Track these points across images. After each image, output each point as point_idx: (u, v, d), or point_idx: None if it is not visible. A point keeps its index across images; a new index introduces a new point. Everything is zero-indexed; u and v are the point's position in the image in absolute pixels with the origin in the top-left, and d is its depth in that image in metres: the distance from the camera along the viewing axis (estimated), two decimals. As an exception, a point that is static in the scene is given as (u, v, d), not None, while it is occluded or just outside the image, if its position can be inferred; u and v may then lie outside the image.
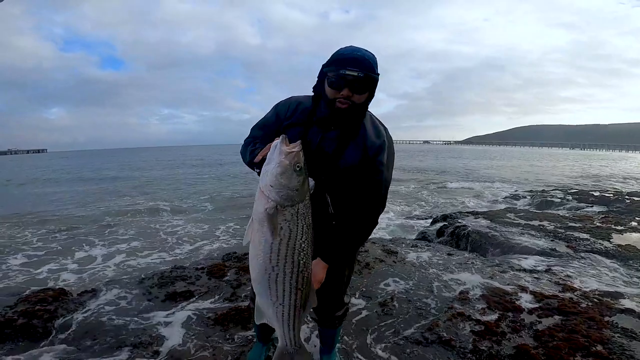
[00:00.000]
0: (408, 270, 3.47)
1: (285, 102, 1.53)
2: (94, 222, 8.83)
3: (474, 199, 11.29)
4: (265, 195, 0.86)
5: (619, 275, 3.34)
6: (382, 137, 1.45)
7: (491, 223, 5.27)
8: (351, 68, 1.28)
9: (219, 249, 5.62)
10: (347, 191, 1.49)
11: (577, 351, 2.04)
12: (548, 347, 2.10)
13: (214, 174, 23.62)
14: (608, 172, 22.57)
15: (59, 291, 2.88)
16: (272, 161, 0.90)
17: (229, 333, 2.36)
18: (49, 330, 2.38)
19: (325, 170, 1.41)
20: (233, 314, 2.57)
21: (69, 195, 14.66)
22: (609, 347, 2.09)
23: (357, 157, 1.41)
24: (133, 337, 2.30)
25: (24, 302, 2.65)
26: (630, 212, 6.43)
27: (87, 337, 2.29)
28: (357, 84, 1.31)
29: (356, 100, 1.34)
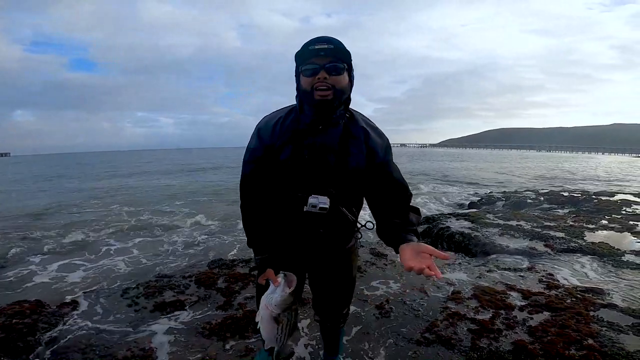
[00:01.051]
0: (399, 272, 3.52)
1: (264, 125, 1.39)
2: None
3: (449, 201, 11.58)
4: (269, 309, 1.30)
5: (596, 272, 3.52)
6: (384, 138, 1.41)
7: (472, 224, 5.42)
8: (319, 43, 1.23)
9: (199, 254, 5.47)
10: (359, 197, 1.47)
11: (571, 345, 2.14)
12: (543, 342, 2.18)
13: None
14: (572, 172, 23.82)
15: (35, 303, 2.74)
16: (277, 292, 1.28)
17: (228, 343, 2.30)
18: (32, 345, 2.24)
19: (333, 183, 1.34)
20: (229, 323, 2.51)
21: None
22: (600, 340, 2.19)
23: (362, 161, 1.34)
24: (125, 350, 2.20)
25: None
26: (599, 211, 6.79)
27: (74, 352, 2.17)
28: (331, 66, 1.23)
29: (336, 85, 1.24)
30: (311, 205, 1.30)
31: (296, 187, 1.34)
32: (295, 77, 1.33)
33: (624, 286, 3.09)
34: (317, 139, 1.32)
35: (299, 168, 1.33)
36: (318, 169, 1.33)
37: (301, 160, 1.33)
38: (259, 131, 1.40)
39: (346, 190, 1.37)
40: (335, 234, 1.46)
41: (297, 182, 1.34)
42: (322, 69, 1.24)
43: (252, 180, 1.42)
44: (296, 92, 1.35)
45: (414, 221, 1.32)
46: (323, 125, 1.31)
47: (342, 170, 1.33)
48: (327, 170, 1.33)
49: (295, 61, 1.30)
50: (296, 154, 1.33)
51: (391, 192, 1.37)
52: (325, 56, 1.23)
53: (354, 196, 1.44)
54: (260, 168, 1.39)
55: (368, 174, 1.36)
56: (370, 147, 1.35)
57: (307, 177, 1.33)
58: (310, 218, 1.35)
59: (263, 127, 1.39)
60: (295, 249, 1.50)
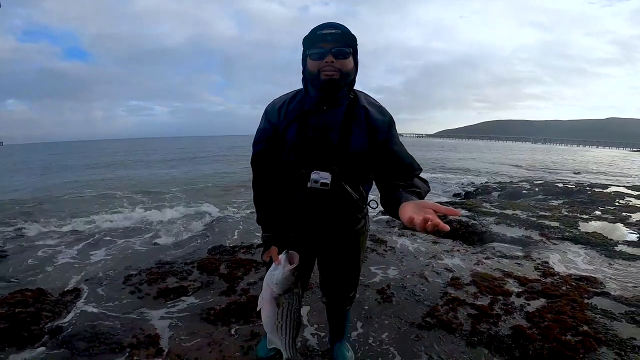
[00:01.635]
0: (399, 258, 3.59)
1: (272, 107, 1.47)
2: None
3: (448, 189, 11.68)
4: (271, 289, 1.31)
5: (589, 260, 3.61)
6: (386, 113, 1.43)
7: (470, 212, 5.49)
8: (327, 28, 1.28)
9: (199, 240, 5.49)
10: (364, 176, 1.49)
11: (567, 331, 2.22)
12: (541, 327, 2.26)
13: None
14: (565, 164, 24.06)
15: (37, 292, 2.73)
16: (278, 270, 1.29)
17: (233, 328, 2.34)
18: (36, 334, 2.22)
19: (335, 160, 1.37)
20: (233, 308, 2.54)
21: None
22: (594, 327, 2.27)
23: (364, 140, 1.37)
24: (130, 337, 2.22)
25: (1, 304, 2.48)
26: (592, 202, 6.91)
27: (80, 340, 2.17)
28: (338, 50, 1.29)
29: (342, 68, 1.30)
30: (313, 181, 1.35)
31: (300, 164, 1.40)
32: (302, 60, 1.38)
33: (616, 275, 3.19)
34: (321, 119, 1.38)
35: (303, 146, 1.39)
36: (321, 146, 1.38)
37: (305, 139, 1.39)
38: (266, 114, 1.48)
39: (349, 168, 1.40)
40: (340, 212, 1.51)
41: (301, 160, 1.40)
42: (329, 53, 1.29)
43: (262, 159, 1.51)
44: (302, 75, 1.41)
45: (419, 185, 1.26)
46: (327, 106, 1.37)
47: (344, 148, 1.37)
48: (330, 148, 1.38)
49: (303, 45, 1.35)
50: (301, 132, 1.39)
51: (396, 168, 1.35)
52: (332, 41, 1.28)
53: (358, 174, 1.46)
54: (268, 147, 1.48)
55: (371, 152, 1.39)
56: (371, 124, 1.38)
57: (310, 155, 1.39)
58: (314, 194, 1.39)
59: (270, 110, 1.47)
60: (303, 229, 1.55)
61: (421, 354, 2.08)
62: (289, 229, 1.53)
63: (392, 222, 5.22)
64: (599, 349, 2.05)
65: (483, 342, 2.16)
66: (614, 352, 2.03)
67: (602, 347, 2.07)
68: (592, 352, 2.02)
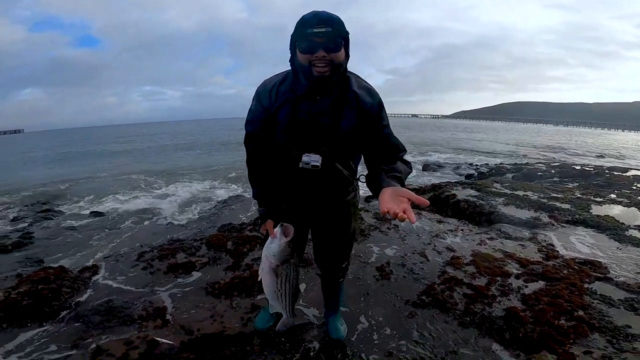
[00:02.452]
0: (401, 237, 3.62)
1: (263, 89, 1.48)
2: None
3: (461, 171, 11.52)
4: (269, 260, 1.39)
5: (596, 245, 3.55)
6: (376, 96, 1.45)
7: (479, 193, 5.42)
8: (318, 26, 1.26)
9: (210, 219, 5.63)
10: (354, 154, 1.57)
11: (562, 315, 2.21)
12: (535, 310, 2.27)
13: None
14: (587, 147, 23.27)
15: (59, 269, 2.86)
16: (274, 242, 1.37)
17: (235, 301, 2.44)
18: (56, 309, 2.35)
19: (326, 142, 1.42)
20: (236, 283, 2.65)
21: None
22: (590, 312, 2.26)
23: (353, 122, 1.42)
24: (140, 310, 2.34)
25: (26, 282, 2.62)
26: (609, 185, 6.71)
27: (95, 314, 2.29)
28: (329, 43, 1.28)
29: (335, 60, 1.30)
30: (304, 163, 1.41)
31: (292, 146, 1.45)
32: (290, 47, 1.37)
33: (623, 260, 3.13)
34: (312, 105, 1.41)
35: (294, 129, 1.43)
36: (312, 130, 1.42)
37: (296, 122, 1.42)
38: (258, 95, 1.50)
39: (339, 149, 1.45)
40: (331, 188, 1.58)
41: (293, 141, 1.45)
42: (321, 48, 1.28)
43: (254, 139, 1.56)
44: (290, 62, 1.41)
45: (400, 169, 1.35)
46: (319, 95, 1.40)
47: (334, 131, 1.41)
48: (320, 131, 1.42)
49: (293, 33, 1.34)
50: (292, 115, 1.42)
51: (383, 146, 1.45)
52: (324, 36, 1.27)
53: (349, 153, 1.53)
54: (259, 127, 1.52)
55: (361, 132, 1.44)
56: (362, 107, 1.42)
57: (301, 137, 1.43)
58: (306, 174, 1.45)
59: (261, 91, 1.49)
60: (296, 202, 1.63)
61: (412, 331, 2.13)
62: (283, 202, 1.61)
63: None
64: (591, 335, 2.05)
65: (475, 323, 2.19)
66: (605, 339, 2.01)
67: (595, 334, 2.06)
68: (583, 338, 2.02)
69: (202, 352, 1.93)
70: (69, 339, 2.05)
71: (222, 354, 1.92)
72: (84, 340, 2.03)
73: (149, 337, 2.05)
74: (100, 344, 1.99)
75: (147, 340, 2.03)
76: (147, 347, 1.97)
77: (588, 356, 1.89)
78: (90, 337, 2.07)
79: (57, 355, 1.93)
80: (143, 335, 2.07)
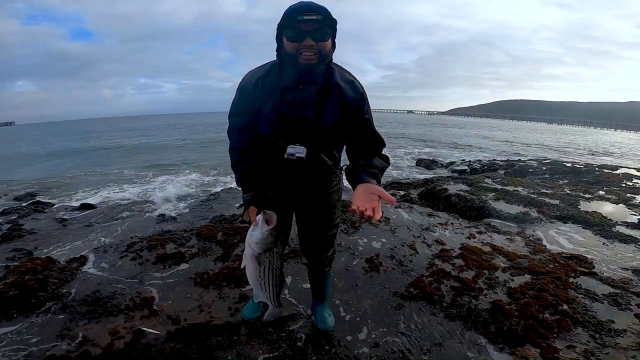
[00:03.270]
0: (392, 229, 3.64)
1: (245, 83, 1.48)
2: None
3: (453, 166, 11.58)
4: (252, 248, 1.38)
5: (583, 240, 3.59)
6: (359, 90, 1.47)
7: (470, 187, 5.46)
8: (307, 14, 1.25)
9: (201, 209, 5.60)
10: (338, 145, 1.59)
11: (546, 309, 2.24)
12: (520, 303, 2.29)
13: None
14: (579, 145, 23.51)
15: (47, 260, 2.84)
16: (257, 230, 1.36)
17: (223, 291, 2.44)
18: (42, 300, 2.33)
19: (310, 134, 1.44)
20: (225, 273, 2.65)
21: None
22: (574, 306, 2.29)
23: (336, 115, 1.43)
24: (127, 300, 2.33)
25: (13, 272, 2.59)
26: (598, 182, 6.78)
27: (81, 305, 2.28)
28: (317, 32, 1.28)
29: (322, 50, 1.31)
30: (289, 154, 1.42)
31: (277, 137, 1.45)
32: (276, 37, 1.36)
33: (608, 256, 3.18)
34: (297, 96, 1.41)
35: (279, 120, 1.43)
36: (296, 121, 1.43)
37: (281, 115, 1.42)
38: (241, 90, 1.50)
39: (323, 140, 1.47)
40: (315, 177, 1.60)
41: (277, 133, 1.45)
42: (309, 36, 1.28)
43: (236, 130, 1.55)
44: (276, 52, 1.40)
45: (377, 165, 1.42)
46: (304, 85, 1.40)
47: (318, 123, 1.42)
48: (305, 123, 1.43)
49: (279, 23, 1.32)
50: (276, 108, 1.42)
51: (363, 139, 1.49)
52: (312, 23, 1.26)
53: (333, 143, 1.54)
54: (242, 120, 1.52)
55: (344, 124, 1.46)
56: (344, 100, 1.43)
57: (286, 129, 1.43)
58: (290, 164, 1.47)
59: (245, 84, 1.48)
60: (281, 191, 1.64)
61: (399, 323, 2.15)
62: (267, 189, 1.62)
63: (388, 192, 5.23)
64: (575, 329, 2.08)
65: (461, 315, 2.21)
66: (588, 334, 2.04)
67: (578, 328, 2.09)
68: (566, 332, 2.04)
69: (189, 342, 1.93)
70: (55, 330, 2.04)
71: (208, 344, 1.92)
72: (69, 331, 2.02)
73: (135, 327, 2.05)
74: (85, 334, 1.99)
75: (133, 330, 2.02)
76: (133, 336, 1.97)
77: (571, 350, 1.92)
78: (76, 327, 2.06)
79: (42, 346, 1.91)
80: (129, 326, 2.07)
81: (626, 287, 2.55)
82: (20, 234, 4.41)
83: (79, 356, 1.83)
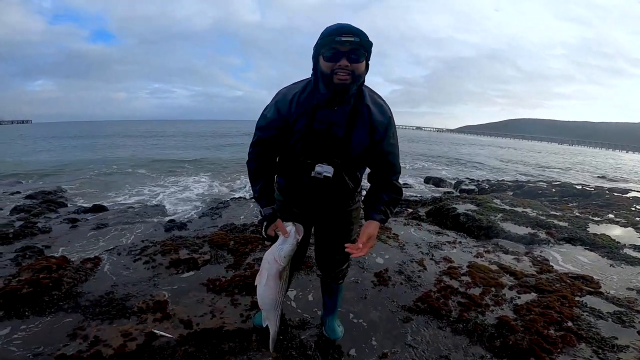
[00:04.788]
0: (401, 246, 3.68)
1: (282, 98, 1.52)
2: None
3: (461, 184, 11.58)
4: (277, 262, 1.39)
5: (591, 261, 3.60)
6: (387, 114, 1.52)
7: (478, 207, 5.48)
8: (345, 35, 1.31)
9: (212, 216, 5.69)
10: (361, 167, 1.65)
11: (551, 325, 2.28)
12: (526, 319, 2.32)
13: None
14: (591, 167, 23.30)
15: (61, 259, 2.91)
16: (287, 242, 1.40)
17: (235, 298, 2.50)
18: (56, 299, 2.38)
19: (339, 155, 1.49)
20: (237, 281, 2.70)
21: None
22: (578, 323, 2.32)
23: (365, 138, 1.49)
24: (140, 302, 2.38)
25: (27, 270, 2.64)
26: (608, 205, 6.76)
27: (95, 305, 2.33)
28: (353, 54, 1.33)
29: (356, 71, 1.36)
30: (317, 173, 1.48)
31: (306, 154, 1.51)
32: (313, 56, 1.43)
33: (615, 277, 3.19)
34: (329, 115, 1.47)
35: (310, 138, 1.49)
36: (326, 141, 1.48)
37: (312, 132, 1.48)
38: (276, 103, 1.53)
39: (350, 161, 1.53)
40: (338, 196, 1.67)
41: (307, 150, 1.51)
42: (344, 57, 1.34)
43: (262, 143, 1.59)
44: (312, 71, 1.47)
45: (386, 200, 1.59)
46: (337, 105, 1.46)
47: (347, 143, 1.48)
48: (335, 142, 1.48)
49: (317, 44, 1.39)
50: (309, 126, 1.47)
51: (382, 166, 1.58)
52: (350, 45, 1.32)
53: (357, 166, 1.61)
54: (272, 134, 1.56)
55: (369, 147, 1.52)
56: (372, 124, 1.49)
57: (316, 147, 1.49)
58: (315, 182, 1.52)
59: (281, 100, 1.53)
60: (303, 207, 1.70)
61: (407, 335, 2.19)
62: (292, 205, 1.69)
63: (398, 213, 5.29)
64: (578, 345, 2.11)
65: (467, 330, 2.25)
66: (591, 349, 2.08)
67: (582, 344, 2.12)
68: (570, 348, 2.08)
69: (201, 346, 1.98)
70: (67, 329, 2.07)
71: (220, 348, 1.97)
72: (82, 331, 2.07)
73: (147, 330, 2.10)
74: (98, 335, 2.03)
75: (145, 332, 2.07)
76: (145, 338, 2.02)
77: (574, 365, 1.94)
78: (89, 327, 2.10)
79: (54, 345, 1.95)
80: (142, 328, 2.12)
81: (631, 306, 2.58)
82: (32, 232, 4.52)
83: (90, 356, 1.86)
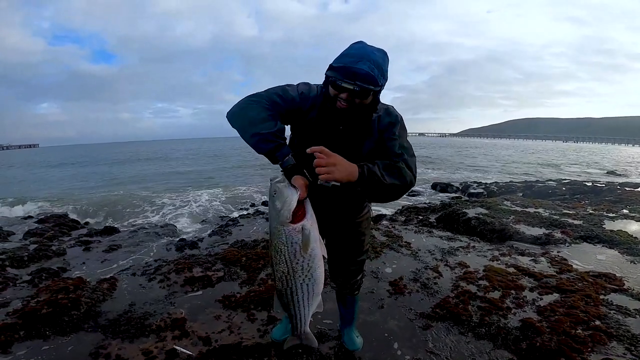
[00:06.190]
0: (414, 253, 3.64)
1: (307, 91, 1.48)
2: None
3: (469, 188, 11.49)
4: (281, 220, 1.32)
5: (611, 258, 3.53)
6: (393, 115, 1.49)
7: (489, 210, 5.42)
8: (348, 81, 1.27)
9: (222, 234, 5.70)
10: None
11: (578, 325, 2.22)
12: (551, 320, 2.27)
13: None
14: (598, 163, 23.05)
15: (78, 280, 2.94)
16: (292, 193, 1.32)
17: (251, 314, 2.48)
18: (75, 318, 2.40)
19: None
20: (252, 296, 2.69)
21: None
22: (607, 322, 2.26)
23: (372, 144, 1.47)
24: (158, 320, 2.39)
25: (45, 291, 2.67)
26: (621, 200, 6.66)
27: (114, 324, 2.35)
28: (362, 92, 1.30)
29: (357, 102, 1.34)
30: (325, 181, 1.38)
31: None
32: (325, 73, 1.38)
33: (638, 273, 3.11)
34: (335, 130, 1.46)
35: (318, 134, 1.45)
36: (336, 148, 1.38)
37: (324, 124, 1.45)
38: (300, 90, 1.49)
39: None
40: (346, 205, 1.66)
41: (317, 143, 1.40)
42: (346, 92, 1.31)
43: (273, 104, 1.42)
44: (324, 82, 1.42)
45: (378, 163, 1.37)
46: (342, 125, 1.45)
47: (357, 154, 1.44)
48: (344, 150, 1.40)
49: (332, 64, 1.34)
50: (321, 117, 1.46)
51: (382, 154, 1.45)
52: (361, 77, 1.26)
53: None
54: (285, 112, 1.44)
55: (375, 148, 1.47)
56: (380, 129, 1.47)
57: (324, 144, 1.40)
58: (323, 190, 1.42)
59: (306, 91, 1.48)
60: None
61: (427, 342, 2.14)
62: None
63: (408, 220, 5.25)
64: (609, 343, 2.06)
65: (490, 333, 2.20)
66: (624, 347, 2.03)
67: (613, 342, 2.07)
68: (601, 346, 2.03)
69: (221, 362, 1.96)
70: (88, 348, 2.09)
71: (240, 364, 1.95)
72: (104, 349, 2.08)
73: (167, 347, 2.09)
74: (120, 353, 2.04)
75: (165, 350, 2.07)
76: (165, 356, 2.01)
77: (608, 364, 1.89)
78: (110, 346, 2.11)
79: None
80: (162, 345, 2.11)
81: (659, 303, 2.50)
82: (47, 254, 4.54)
83: (113, 374, 1.87)
